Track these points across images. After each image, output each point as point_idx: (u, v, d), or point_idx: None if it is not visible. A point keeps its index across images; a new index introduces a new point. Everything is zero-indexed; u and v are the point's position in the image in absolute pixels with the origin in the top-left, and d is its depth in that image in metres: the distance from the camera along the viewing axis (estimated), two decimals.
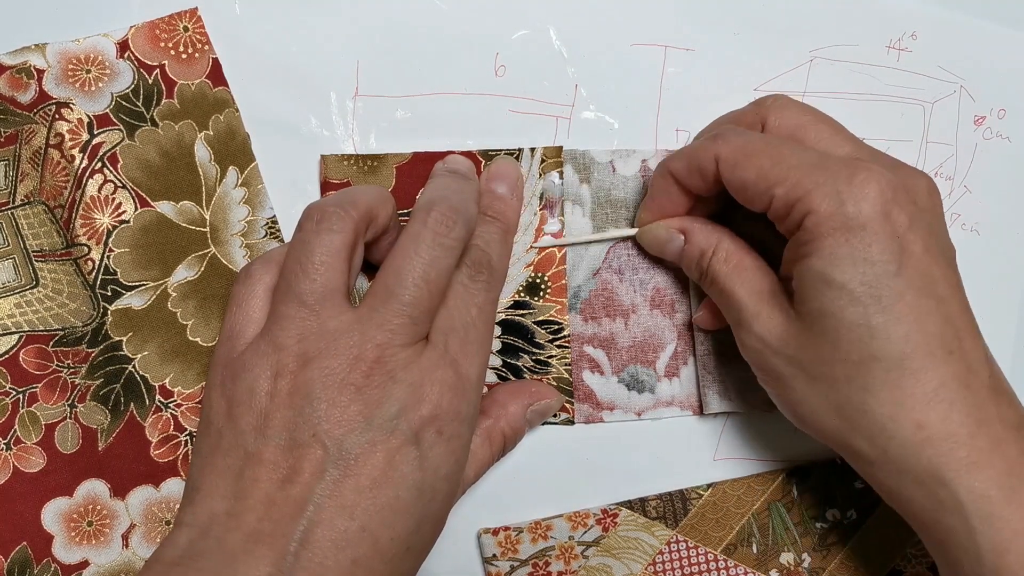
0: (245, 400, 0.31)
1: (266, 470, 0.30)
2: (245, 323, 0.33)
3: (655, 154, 0.40)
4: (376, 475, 0.30)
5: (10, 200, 0.38)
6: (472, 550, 0.40)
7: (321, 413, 0.30)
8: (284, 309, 0.32)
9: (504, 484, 0.40)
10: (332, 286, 0.32)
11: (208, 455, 0.31)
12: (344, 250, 0.32)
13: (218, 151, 0.39)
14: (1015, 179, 0.42)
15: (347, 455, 0.30)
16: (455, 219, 0.33)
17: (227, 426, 0.31)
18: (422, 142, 0.39)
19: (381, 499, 0.30)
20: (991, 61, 0.42)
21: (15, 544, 0.38)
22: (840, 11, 0.41)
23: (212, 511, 0.30)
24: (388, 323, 0.31)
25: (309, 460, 0.30)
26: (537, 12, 0.40)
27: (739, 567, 0.40)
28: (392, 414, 0.31)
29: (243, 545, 0.29)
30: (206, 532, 0.30)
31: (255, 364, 0.31)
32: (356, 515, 0.30)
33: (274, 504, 0.30)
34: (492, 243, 0.36)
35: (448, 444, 0.32)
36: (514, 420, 0.37)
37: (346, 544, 0.29)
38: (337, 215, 0.32)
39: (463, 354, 0.33)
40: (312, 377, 0.31)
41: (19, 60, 0.38)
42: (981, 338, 0.33)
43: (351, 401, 0.30)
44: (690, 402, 0.40)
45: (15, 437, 0.38)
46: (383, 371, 0.31)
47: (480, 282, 0.34)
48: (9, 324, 0.38)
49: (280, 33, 0.39)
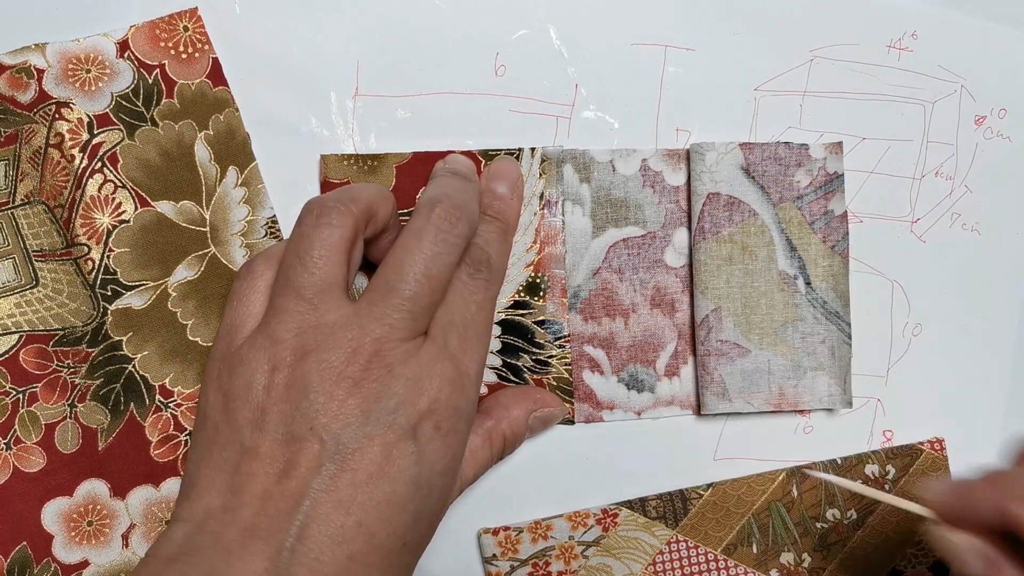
0: (242, 394, 0.31)
1: (262, 464, 0.30)
2: (245, 317, 0.33)
3: (655, 154, 0.40)
4: (373, 470, 0.30)
5: (10, 200, 0.38)
6: (472, 550, 0.40)
7: (318, 406, 0.30)
8: (282, 302, 0.32)
9: (504, 484, 0.40)
10: (330, 280, 0.32)
11: (205, 450, 0.31)
12: (343, 244, 0.32)
13: (218, 151, 0.39)
14: (1015, 179, 0.42)
15: (344, 449, 0.30)
16: (459, 216, 0.33)
17: (224, 420, 0.31)
18: (422, 142, 0.39)
19: (378, 494, 0.30)
20: (991, 61, 0.42)
21: (15, 544, 0.38)
22: (840, 11, 0.41)
23: (208, 506, 0.30)
24: (387, 317, 0.31)
25: (306, 454, 0.30)
26: (537, 12, 0.40)
27: (739, 567, 0.40)
28: (390, 408, 0.31)
29: (239, 540, 0.29)
30: (202, 527, 0.30)
31: (252, 358, 0.31)
32: (352, 510, 0.30)
33: (270, 499, 0.29)
34: (492, 242, 0.36)
35: (445, 439, 0.32)
36: (516, 423, 0.37)
37: (343, 539, 0.29)
38: (337, 210, 0.32)
39: (462, 350, 0.33)
40: (309, 370, 0.30)
41: (19, 60, 0.38)
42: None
43: (348, 395, 0.30)
44: (690, 402, 0.40)
45: (15, 437, 0.38)
46: (381, 365, 0.31)
47: (480, 279, 0.34)
48: (9, 324, 0.38)
49: (280, 33, 0.39)
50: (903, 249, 0.42)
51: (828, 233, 0.40)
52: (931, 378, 0.42)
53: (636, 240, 0.40)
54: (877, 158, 0.42)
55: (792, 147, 0.40)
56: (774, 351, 0.40)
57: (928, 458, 0.41)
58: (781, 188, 0.40)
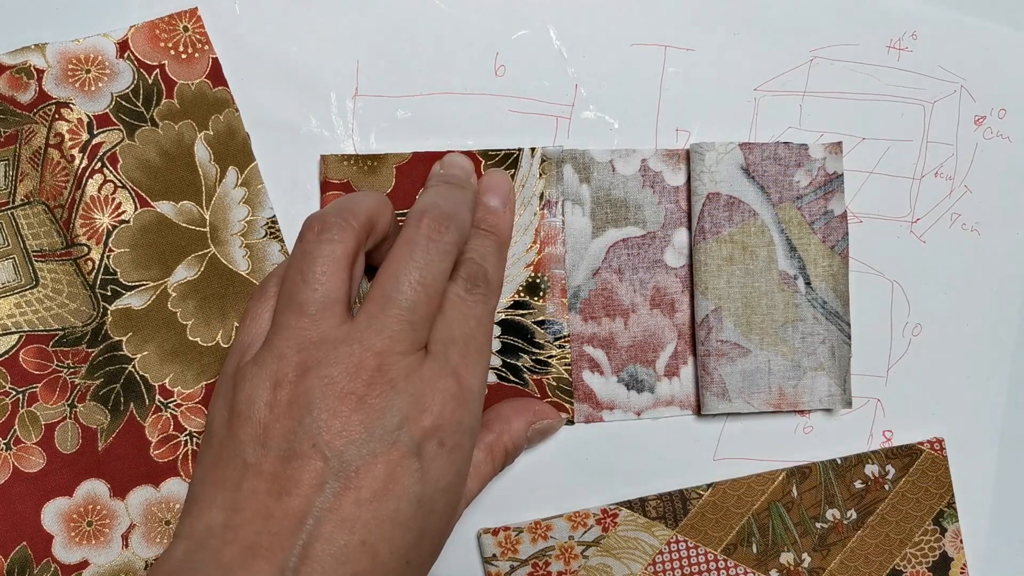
0: (244, 411, 0.31)
1: (264, 482, 0.30)
2: (256, 336, 0.33)
3: (655, 154, 0.40)
4: (377, 488, 0.30)
5: (10, 200, 0.38)
6: (472, 550, 0.40)
7: (321, 423, 0.30)
8: (284, 319, 0.32)
9: (504, 484, 0.40)
10: (333, 296, 0.31)
11: (209, 466, 0.31)
12: (345, 260, 0.32)
13: (218, 151, 0.39)
14: (1015, 179, 0.42)
15: (347, 467, 0.30)
16: (447, 224, 0.33)
17: (227, 437, 0.31)
18: (422, 142, 0.39)
19: (381, 512, 0.30)
20: (991, 61, 0.42)
21: (15, 544, 0.38)
22: (840, 11, 0.41)
23: (209, 523, 0.30)
24: (387, 328, 0.31)
25: (308, 472, 0.29)
26: (537, 12, 0.40)
27: (739, 567, 0.40)
28: (394, 425, 0.30)
29: (240, 559, 0.28)
30: (202, 544, 0.29)
31: (255, 374, 0.31)
32: (356, 529, 0.29)
33: (272, 517, 0.29)
34: (488, 256, 0.36)
35: (450, 455, 0.32)
36: (516, 436, 0.37)
37: (346, 559, 0.29)
38: (338, 225, 0.32)
39: (464, 365, 0.33)
40: (312, 386, 0.30)
41: (19, 60, 0.38)
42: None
43: (352, 411, 0.30)
44: (690, 402, 0.40)
45: (15, 437, 0.38)
46: (384, 380, 0.31)
47: (477, 295, 0.34)
48: (9, 324, 0.38)
49: (280, 33, 0.39)
50: (903, 249, 0.42)
51: (828, 233, 0.40)
52: (931, 378, 0.42)
53: (636, 240, 0.40)
54: (877, 158, 0.42)
55: (792, 147, 0.40)
56: (774, 351, 0.40)
57: (928, 458, 0.41)
58: (781, 188, 0.40)
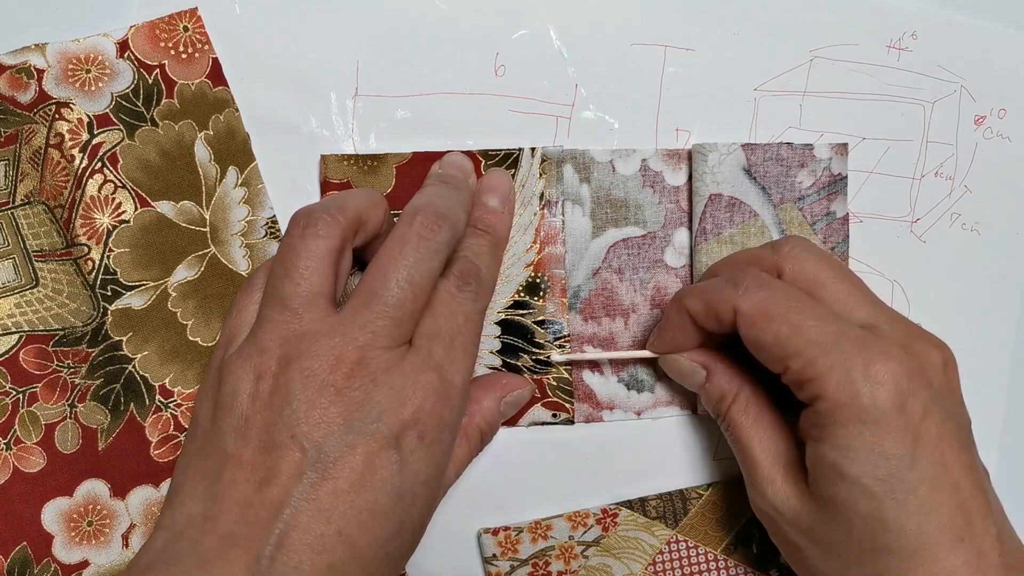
0: (228, 402, 0.31)
1: (244, 472, 0.30)
2: (241, 328, 0.33)
3: (655, 154, 0.40)
4: (355, 479, 0.30)
5: (10, 200, 0.38)
6: (472, 550, 0.40)
7: (300, 415, 0.30)
8: (268, 312, 0.32)
9: (504, 484, 0.40)
10: (316, 290, 0.32)
11: (192, 457, 0.31)
12: (329, 255, 0.32)
13: (218, 151, 0.39)
14: (1015, 179, 0.42)
15: (326, 458, 0.30)
16: (440, 223, 0.33)
17: (211, 428, 0.31)
18: (422, 142, 0.39)
19: (359, 503, 0.30)
20: (991, 61, 0.42)
21: (15, 544, 0.38)
22: (840, 11, 0.41)
23: (189, 513, 0.30)
24: (371, 324, 0.31)
25: (287, 462, 0.30)
26: (537, 12, 0.40)
27: (739, 567, 0.40)
28: (372, 417, 0.30)
29: (217, 548, 0.29)
30: (181, 535, 0.29)
31: (239, 367, 0.31)
32: (333, 519, 0.29)
33: (250, 507, 0.29)
34: (481, 255, 0.36)
35: (429, 449, 0.32)
36: (489, 414, 0.37)
37: (322, 548, 0.29)
38: (324, 220, 0.32)
39: (448, 360, 0.33)
40: (292, 378, 0.30)
41: (19, 60, 0.38)
42: (992, 515, 0.32)
43: (331, 403, 0.30)
44: (689, 401, 0.40)
45: (15, 437, 0.38)
46: (364, 373, 0.31)
47: (468, 292, 0.34)
48: (9, 324, 0.38)
49: (280, 33, 0.39)
50: (903, 249, 0.42)
51: (829, 234, 0.40)
52: None
53: (636, 240, 0.40)
54: (877, 158, 0.42)
55: (795, 148, 0.40)
56: None
57: None
58: (782, 189, 0.40)
